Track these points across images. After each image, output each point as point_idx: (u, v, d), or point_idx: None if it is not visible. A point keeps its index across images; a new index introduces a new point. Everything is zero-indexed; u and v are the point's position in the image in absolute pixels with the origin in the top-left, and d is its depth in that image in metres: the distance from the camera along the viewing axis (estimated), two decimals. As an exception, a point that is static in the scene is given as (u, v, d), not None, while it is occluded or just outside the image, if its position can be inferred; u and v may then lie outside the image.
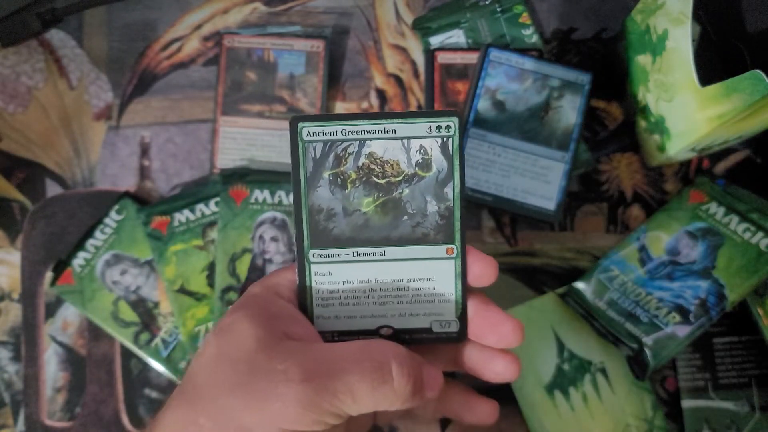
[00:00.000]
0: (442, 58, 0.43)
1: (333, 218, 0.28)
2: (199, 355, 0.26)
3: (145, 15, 0.46)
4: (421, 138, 0.28)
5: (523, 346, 0.40)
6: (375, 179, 0.28)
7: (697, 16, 0.40)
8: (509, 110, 0.41)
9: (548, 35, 0.45)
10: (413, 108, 0.45)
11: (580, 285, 0.41)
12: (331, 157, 0.28)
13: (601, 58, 0.45)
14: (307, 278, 0.28)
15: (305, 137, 0.27)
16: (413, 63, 0.45)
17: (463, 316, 0.29)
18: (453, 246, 0.28)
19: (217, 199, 0.42)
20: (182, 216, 0.42)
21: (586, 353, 0.41)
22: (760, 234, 0.39)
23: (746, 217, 0.40)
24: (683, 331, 0.38)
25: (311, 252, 0.28)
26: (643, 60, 0.40)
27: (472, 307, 0.29)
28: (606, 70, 0.44)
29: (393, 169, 0.28)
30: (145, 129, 0.44)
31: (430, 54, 0.43)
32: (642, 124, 0.42)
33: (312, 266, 0.28)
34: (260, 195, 0.42)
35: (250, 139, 0.43)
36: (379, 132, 0.27)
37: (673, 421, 0.40)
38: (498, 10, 0.44)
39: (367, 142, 0.27)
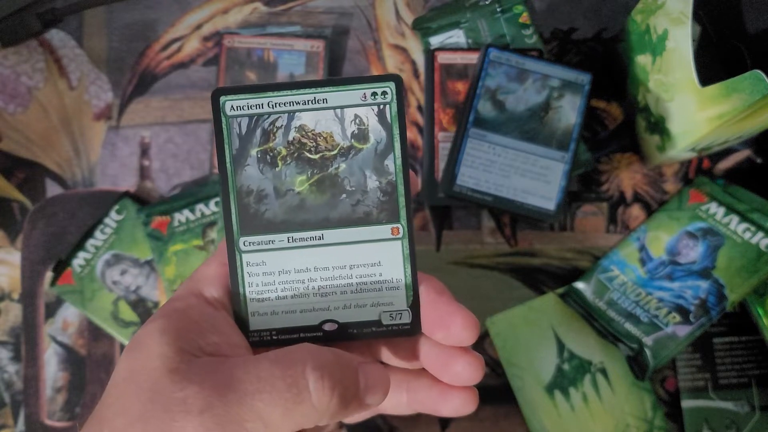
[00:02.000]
0: (442, 58, 0.43)
1: (264, 200, 0.25)
2: (112, 376, 0.23)
3: (145, 15, 0.46)
4: (356, 107, 0.25)
5: (523, 346, 0.40)
6: (308, 155, 0.25)
7: (697, 16, 0.40)
8: (509, 110, 0.41)
9: (548, 35, 0.45)
10: (413, 109, 0.45)
11: (580, 285, 0.41)
12: (258, 132, 0.25)
13: (601, 58, 0.45)
14: (239, 270, 0.26)
15: (228, 112, 0.25)
16: (413, 63, 0.45)
17: (415, 305, 0.26)
18: (398, 225, 0.26)
19: (217, 199, 0.42)
20: (182, 216, 0.42)
21: (586, 353, 0.41)
22: (760, 234, 0.39)
23: (746, 217, 0.40)
24: (683, 331, 0.38)
25: (242, 240, 0.26)
26: (643, 60, 0.40)
27: (423, 295, 0.26)
28: (606, 70, 0.44)
29: (327, 142, 0.25)
30: (145, 129, 0.44)
31: (430, 54, 0.43)
32: (642, 124, 0.42)
33: (243, 255, 0.26)
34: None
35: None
36: (309, 102, 0.25)
37: (673, 421, 0.40)
38: (498, 10, 0.44)
39: (296, 114, 0.25)
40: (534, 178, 0.40)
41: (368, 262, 0.26)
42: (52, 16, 0.44)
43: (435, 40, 0.44)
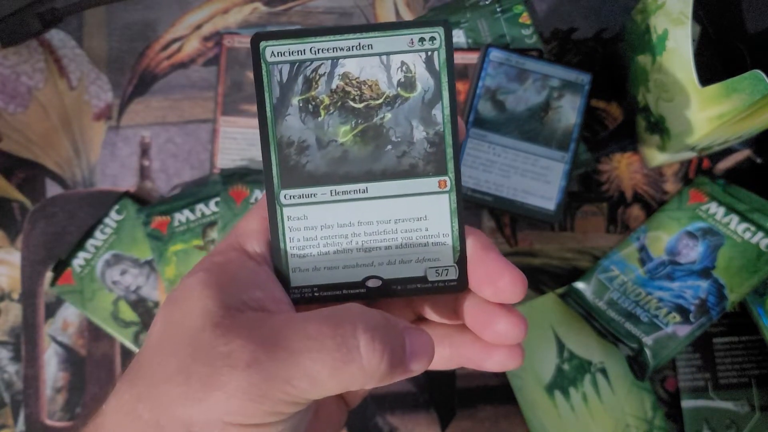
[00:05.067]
0: (442, 58, 0.43)
1: (305, 152, 0.24)
2: (150, 330, 0.23)
3: (145, 15, 0.46)
4: (403, 53, 0.24)
5: (524, 345, 0.40)
6: (351, 103, 0.24)
7: (697, 16, 0.40)
8: (509, 110, 0.41)
9: (548, 35, 0.45)
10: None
11: (580, 285, 0.41)
12: (300, 80, 0.24)
13: (601, 58, 0.45)
14: (280, 224, 0.25)
15: (269, 58, 0.24)
16: (413, 63, 0.45)
17: (462, 261, 0.25)
18: (446, 178, 0.24)
19: (217, 199, 0.42)
20: (182, 216, 0.42)
21: (586, 353, 0.41)
22: (760, 234, 0.39)
23: (746, 217, 0.40)
24: (683, 331, 0.38)
25: (282, 193, 0.24)
26: (643, 60, 0.40)
27: (470, 250, 0.25)
28: (606, 70, 0.44)
29: (372, 90, 0.24)
30: (145, 129, 0.44)
31: (430, 54, 0.43)
32: (642, 124, 0.42)
33: (284, 209, 0.24)
34: (260, 195, 0.41)
35: (250, 139, 0.43)
36: (354, 48, 0.24)
37: (673, 421, 0.40)
38: (498, 10, 0.44)
39: (340, 60, 0.24)
40: (534, 178, 0.40)
41: (414, 216, 0.25)
42: (52, 16, 0.44)
43: (435, 40, 0.44)
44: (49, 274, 0.42)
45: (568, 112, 0.41)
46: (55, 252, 0.43)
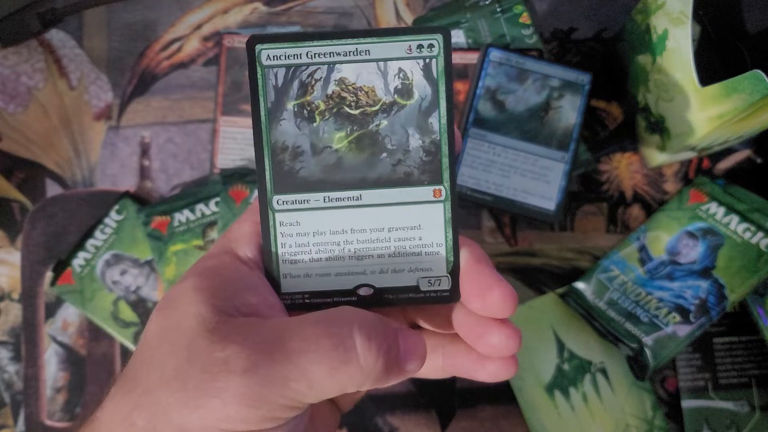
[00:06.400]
0: (442, 58, 0.43)
1: (300, 157, 0.24)
2: (143, 335, 0.22)
3: (145, 15, 0.46)
4: (400, 60, 0.24)
5: (523, 345, 0.40)
6: (347, 110, 0.24)
7: (697, 16, 0.40)
8: (509, 110, 0.41)
9: (548, 35, 0.45)
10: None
11: (580, 285, 0.41)
12: (296, 84, 0.24)
13: (601, 58, 0.45)
14: (272, 230, 0.24)
15: (264, 61, 0.24)
16: (413, 63, 0.45)
17: (455, 272, 0.25)
18: (441, 187, 0.24)
19: (217, 199, 0.42)
20: (182, 216, 0.42)
21: (586, 353, 0.41)
22: (760, 234, 0.39)
23: (746, 217, 0.40)
24: (683, 331, 0.38)
25: (275, 198, 0.24)
26: (643, 60, 0.40)
27: (463, 261, 0.25)
28: (606, 70, 0.44)
29: (368, 97, 0.24)
30: (145, 129, 0.44)
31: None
32: (642, 124, 0.42)
33: (277, 215, 0.24)
34: (260, 195, 0.41)
35: (250, 140, 0.43)
36: (351, 54, 0.24)
37: (673, 421, 0.40)
38: (498, 10, 0.44)
39: (336, 66, 0.24)
40: (534, 178, 0.40)
41: (408, 225, 0.25)
42: (52, 16, 0.44)
43: (435, 40, 0.44)
44: (49, 274, 0.42)
45: (568, 112, 0.41)
46: (55, 252, 0.43)
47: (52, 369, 0.42)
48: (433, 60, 0.24)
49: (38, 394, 0.41)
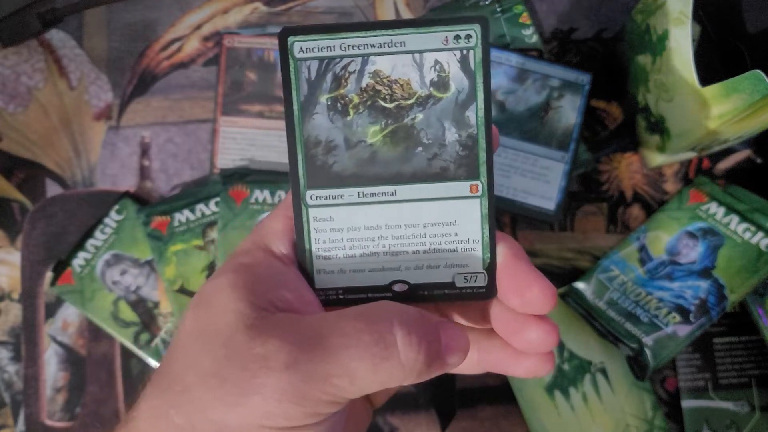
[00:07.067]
0: (442, 58, 0.43)
1: (333, 152, 0.24)
2: (177, 332, 0.22)
3: (145, 15, 0.46)
4: (437, 51, 0.23)
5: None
6: (382, 103, 0.23)
7: (697, 16, 0.40)
8: (509, 110, 0.41)
9: (548, 35, 0.45)
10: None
11: (580, 285, 0.41)
12: (329, 77, 0.23)
13: (601, 58, 0.45)
14: (305, 225, 0.24)
15: (297, 54, 0.23)
16: (413, 63, 0.45)
17: (491, 268, 0.24)
18: (478, 182, 0.24)
19: (217, 199, 0.42)
20: (182, 216, 0.42)
21: (586, 353, 0.41)
22: (760, 234, 0.39)
23: (746, 217, 0.40)
24: (683, 331, 0.38)
25: (308, 193, 0.24)
26: (643, 60, 0.40)
27: (500, 257, 0.24)
28: (606, 70, 0.44)
29: (403, 90, 0.23)
30: (145, 129, 0.44)
31: (430, 54, 0.43)
32: (642, 124, 0.42)
33: (310, 210, 0.24)
34: (260, 195, 0.42)
35: (250, 139, 0.43)
36: (386, 45, 0.23)
37: (673, 421, 0.40)
38: (498, 10, 0.44)
39: (371, 58, 0.23)
40: (534, 178, 0.40)
41: (443, 220, 0.24)
42: (52, 16, 0.44)
43: (435, 40, 0.44)
44: (49, 274, 0.42)
45: (568, 112, 0.41)
46: (55, 252, 0.43)
47: (52, 369, 0.42)
48: (471, 51, 0.23)
49: (38, 394, 0.41)
